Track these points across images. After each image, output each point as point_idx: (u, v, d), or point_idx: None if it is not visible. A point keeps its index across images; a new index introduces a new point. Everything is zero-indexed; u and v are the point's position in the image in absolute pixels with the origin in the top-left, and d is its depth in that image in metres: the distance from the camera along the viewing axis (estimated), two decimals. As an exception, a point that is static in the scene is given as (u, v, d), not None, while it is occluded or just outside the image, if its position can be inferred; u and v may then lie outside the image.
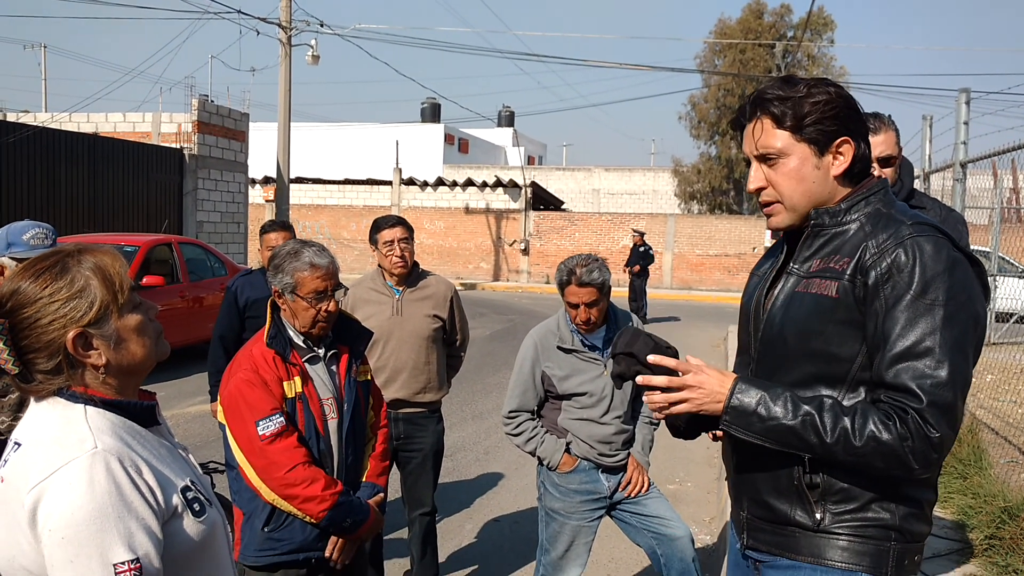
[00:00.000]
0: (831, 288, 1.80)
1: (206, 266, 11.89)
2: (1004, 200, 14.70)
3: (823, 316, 1.80)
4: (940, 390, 1.67)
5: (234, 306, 4.68)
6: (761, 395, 1.80)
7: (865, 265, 1.77)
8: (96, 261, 1.58)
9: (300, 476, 2.56)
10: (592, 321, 3.40)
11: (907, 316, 1.71)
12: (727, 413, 1.83)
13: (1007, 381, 8.17)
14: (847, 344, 1.78)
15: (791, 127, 1.85)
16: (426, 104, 46.14)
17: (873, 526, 1.80)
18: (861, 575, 1.80)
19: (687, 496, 6.36)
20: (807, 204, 1.89)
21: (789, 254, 1.99)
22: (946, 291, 1.70)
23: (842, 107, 1.85)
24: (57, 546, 1.41)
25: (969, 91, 6.52)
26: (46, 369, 1.53)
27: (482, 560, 4.99)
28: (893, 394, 1.71)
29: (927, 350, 1.68)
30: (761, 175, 1.92)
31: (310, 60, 21.23)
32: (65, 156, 15.37)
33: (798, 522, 1.85)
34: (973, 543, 4.42)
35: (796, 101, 1.84)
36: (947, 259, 1.72)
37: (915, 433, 1.67)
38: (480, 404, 9.21)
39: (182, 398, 8.89)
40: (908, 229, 1.77)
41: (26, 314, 1.52)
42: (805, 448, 1.77)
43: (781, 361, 1.88)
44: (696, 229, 26.98)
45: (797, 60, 34.04)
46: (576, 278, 3.32)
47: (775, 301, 1.91)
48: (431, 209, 28.66)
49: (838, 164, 1.86)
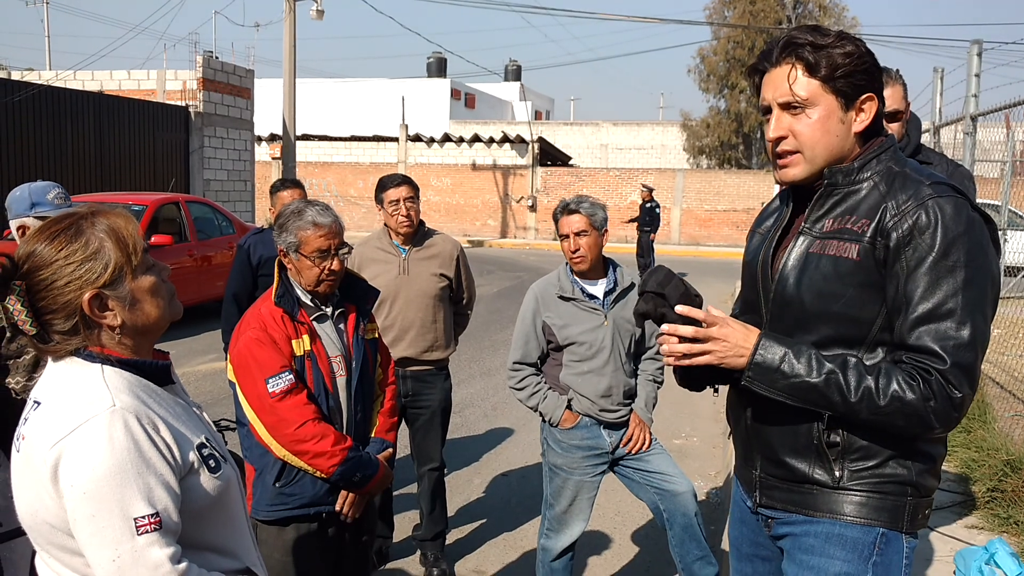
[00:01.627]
0: (852, 250, 1.79)
1: (214, 224, 11.92)
2: (1016, 153, 14.56)
3: (844, 279, 1.80)
4: (962, 352, 1.69)
5: (247, 264, 4.70)
6: (785, 351, 1.79)
7: (886, 227, 1.76)
8: (109, 223, 1.60)
9: (310, 432, 2.61)
10: (580, 252, 3.46)
11: (929, 278, 1.71)
12: (751, 369, 1.81)
13: (1013, 335, 8.18)
14: (868, 307, 1.78)
15: (824, 76, 1.80)
16: (432, 59, 45.70)
17: (891, 482, 1.82)
18: (881, 531, 1.83)
19: (693, 451, 6.43)
20: (827, 158, 1.85)
21: (795, 212, 1.97)
22: (966, 253, 1.70)
23: (871, 62, 1.83)
24: (79, 501, 1.45)
25: (981, 42, 6.44)
26: (63, 330, 1.57)
27: (490, 514, 5.07)
28: (916, 355, 1.73)
29: (949, 312, 1.70)
30: (784, 123, 1.86)
31: (315, 15, 21.00)
32: (70, 115, 15.32)
33: (817, 480, 1.86)
34: (976, 495, 4.47)
35: (829, 50, 1.80)
36: (966, 220, 1.73)
37: (938, 393, 1.69)
38: (488, 361, 9.27)
39: (192, 356, 8.98)
40: (928, 190, 1.76)
41: (42, 276, 1.54)
42: (827, 406, 1.78)
43: (798, 322, 1.87)
44: (704, 184, 26.84)
45: (808, 11, 33.48)
46: (567, 208, 3.51)
47: (786, 261, 1.90)
48: (438, 166, 28.55)
49: (861, 120, 1.84)
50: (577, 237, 3.46)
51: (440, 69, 45.14)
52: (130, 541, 1.46)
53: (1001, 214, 12.81)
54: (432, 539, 4.31)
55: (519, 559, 4.49)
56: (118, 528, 1.45)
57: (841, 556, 1.85)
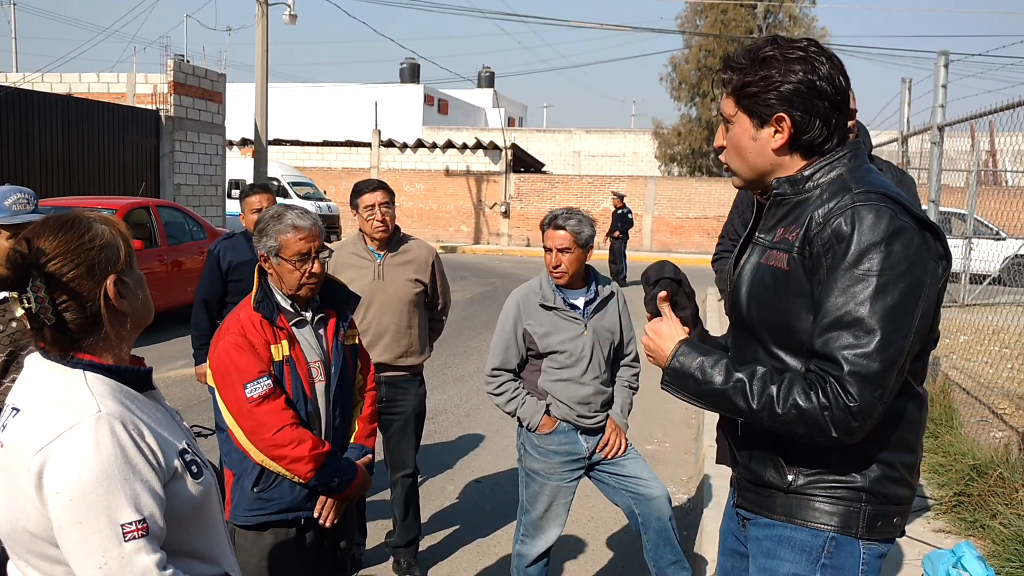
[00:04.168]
0: (783, 260, 1.83)
1: (184, 229, 11.80)
2: (981, 163, 14.82)
3: (779, 289, 1.83)
4: (863, 359, 1.68)
5: (217, 269, 4.67)
6: (701, 360, 1.89)
7: (811, 236, 1.78)
8: (104, 220, 1.64)
9: (288, 437, 2.60)
10: (561, 269, 3.48)
11: (840, 286, 1.72)
12: (667, 372, 1.95)
13: (979, 342, 8.32)
14: (801, 315, 1.80)
15: (736, 96, 1.90)
16: (405, 65, 45.64)
17: (843, 487, 1.84)
18: (830, 535, 1.85)
19: (666, 456, 6.47)
20: (748, 171, 1.94)
21: (756, 222, 2.02)
22: (881, 261, 1.70)
23: (796, 87, 1.82)
24: (65, 508, 1.44)
25: (948, 54, 6.55)
26: (79, 319, 1.56)
27: (464, 520, 5.07)
28: (819, 362, 1.75)
29: (856, 320, 1.70)
30: (721, 135, 1.99)
31: (287, 19, 20.90)
32: (38, 117, 15.10)
33: (772, 483, 1.91)
34: (943, 500, 4.54)
35: (745, 72, 1.87)
36: (886, 229, 1.71)
37: (833, 402, 1.70)
38: (461, 367, 9.27)
39: (163, 362, 8.88)
40: (851, 198, 1.77)
41: (63, 265, 1.54)
42: (735, 412, 1.85)
43: (749, 331, 1.93)
44: (676, 192, 27.02)
45: (779, 21, 33.85)
46: (555, 222, 3.50)
47: (740, 271, 1.96)
48: (411, 171, 28.49)
49: (777, 138, 1.87)
50: (560, 253, 3.47)
51: (413, 75, 45.11)
52: (117, 548, 1.45)
53: (967, 222, 13.06)
54: (405, 546, 4.30)
55: (493, 565, 4.49)
56: (105, 534, 1.44)
57: (790, 558, 1.88)
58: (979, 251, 12.46)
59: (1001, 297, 11.06)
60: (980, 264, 12.92)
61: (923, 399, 1.90)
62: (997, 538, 3.88)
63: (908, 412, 1.85)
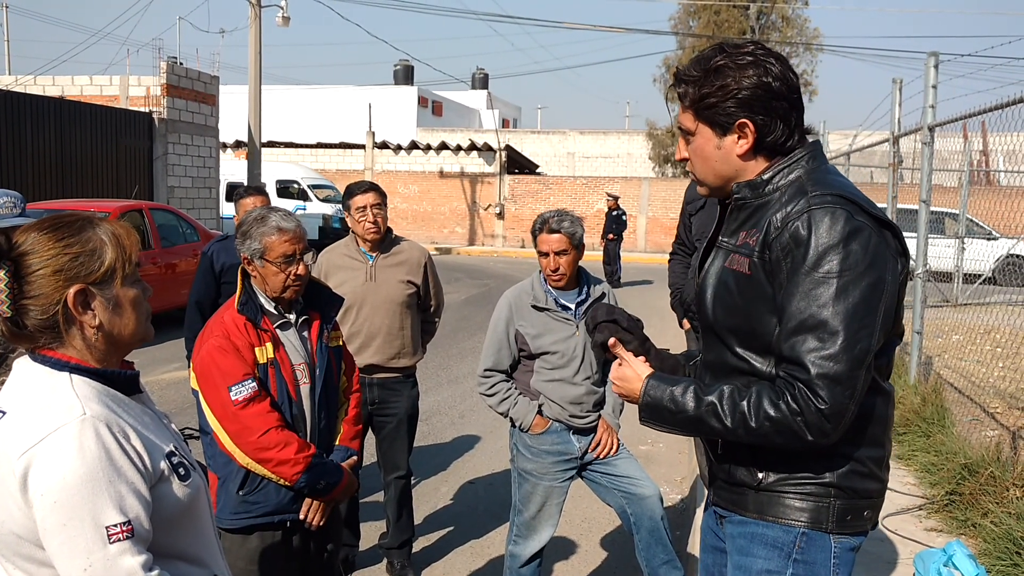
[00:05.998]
0: (745, 264, 1.85)
1: (178, 232, 11.80)
2: (973, 163, 14.86)
3: (742, 293, 1.85)
4: (829, 361, 1.70)
5: (210, 272, 4.68)
6: (670, 391, 1.89)
7: (770, 240, 1.80)
8: (113, 229, 1.64)
9: (273, 440, 2.60)
10: (560, 271, 3.47)
11: (802, 290, 1.73)
12: (642, 410, 1.95)
13: (972, 342, 8.35)
14: (764, 318, 1.82)
15: (694, 109, 1.91)
16: (399, 66, 45.63)
17: (812, 483, 1.86)
18: (801, 530, 1.87)
19: (659, 457, 6.47)
20: (715, 179, 1.96)
21: (719, 226, 2.04)
22: (840, 262, 1.71)
23: (752, 92, 1.84)
24: (50, 510, 1.44)
25: (938, 55, 6.55)
26: (38, 320, 1.56)
27: (457, 522, 5.07)
28: (787, 367, 1.76)
29: (819, 323, 1.71)
30: (683, 149, 2.00)
31: (280, 21, 20.90)
32: (31, 120, 15.06)
33: (744, 482, 1.93)
34: (934, 499, 4.55)
35: (700, 83, 1.88)
36: (843, 230, 1.73)
37: (804, 406, 1.71)
38: (455, 368, 9.26)
39: (156, 365, 8.87)
40: (806, 202, 1.78)
41: (33, 260, 1.54)
42: (713, 433, 1.87)
43: (717, 335, 1.95)
44: (670, 192, 27.03)
45: (771, 22, 33.87)
46: (547, 226, 3.46)
47: (706, 276, 1.97)
48: (405, 173, 28.48)
49: (741, 144, 1.88)
50: (557, 256, 3.45)
51: (407, 77, 45.11)
52: (102, 550, 1.45)
53: (959, 222, 13.10)
54: (399, 547, 4.30)
55: (486, 566, 4.49)
56: (90, 537, 1.44)
57: (763, 555, 1.91)
58: (972, 251, 12.51)
59: (994, 297, 11.08)
60: (973, 264, 12.97)
61: (889, 394, 1.92)
62: (988, 537, 3.89)
63: (875, 408, 1.87)
